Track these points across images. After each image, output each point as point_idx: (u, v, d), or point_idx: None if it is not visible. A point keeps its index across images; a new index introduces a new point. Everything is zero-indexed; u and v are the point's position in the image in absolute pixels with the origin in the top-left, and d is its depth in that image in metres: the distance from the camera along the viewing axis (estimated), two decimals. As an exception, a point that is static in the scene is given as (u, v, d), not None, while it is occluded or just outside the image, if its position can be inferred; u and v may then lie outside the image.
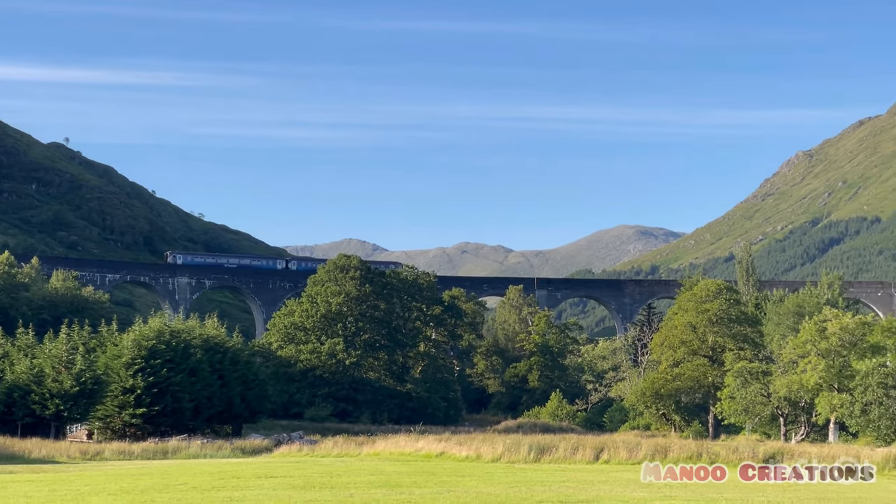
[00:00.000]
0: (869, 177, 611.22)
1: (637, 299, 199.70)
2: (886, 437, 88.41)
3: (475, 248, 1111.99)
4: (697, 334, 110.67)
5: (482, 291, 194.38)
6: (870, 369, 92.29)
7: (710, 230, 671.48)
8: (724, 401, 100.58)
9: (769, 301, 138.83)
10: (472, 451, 68.11)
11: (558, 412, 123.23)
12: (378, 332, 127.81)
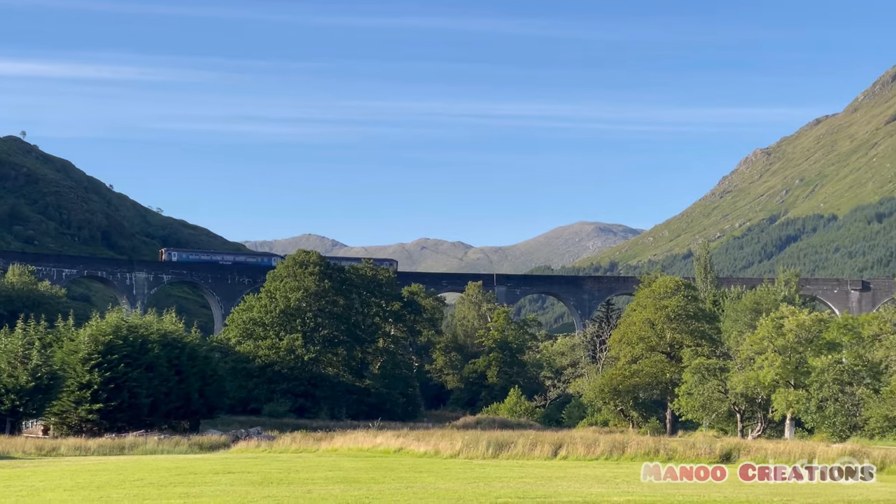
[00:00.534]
0: (826, 175, 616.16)
1: (596, 296, 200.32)
2: (842, 434, 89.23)
3: (435, 245, 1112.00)
4: (655, 331, 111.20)
5: (441, 287, 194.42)
6: (825, 366, 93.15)
7: (668, 227, 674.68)
8: (682, 397, 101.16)
9: (727, 298, 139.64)
10: (431, 447, 68.11)
11: (517, 408, 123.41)
12: (337, 327, 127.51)
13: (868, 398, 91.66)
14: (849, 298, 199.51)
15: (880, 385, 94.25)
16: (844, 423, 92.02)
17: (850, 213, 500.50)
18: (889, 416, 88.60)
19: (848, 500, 33.92)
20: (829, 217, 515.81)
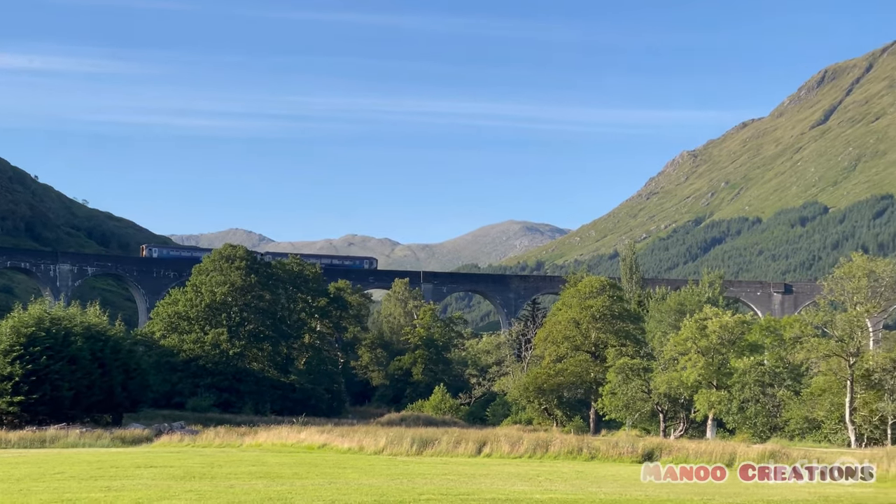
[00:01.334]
0: (751, 178, 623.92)
1: (522, 294, 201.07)
2: (762, 434, 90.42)
3: (362, 241, 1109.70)
4: (581, 330, 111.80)
5: (368, 284, 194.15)
6: (747, 367, 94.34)
7: (595, 227, 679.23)
8: (606, 396, 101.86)
9: (652, 298, 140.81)
10: (355, 444, 68.04)
11: (442, 405, 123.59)
12: (263, 322, 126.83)
13: (788, 400, 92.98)
14: (771, 301, 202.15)
15: (800, 387, 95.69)
16: (765, 423, 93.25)
17: (774, 217, 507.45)
18: (808, 417, 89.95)
19: (767, 499, 34.38)
20: (753, 220, 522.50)
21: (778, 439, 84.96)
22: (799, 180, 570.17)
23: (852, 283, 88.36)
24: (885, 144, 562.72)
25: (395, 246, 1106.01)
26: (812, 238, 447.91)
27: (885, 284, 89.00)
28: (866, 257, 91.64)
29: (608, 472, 49.65)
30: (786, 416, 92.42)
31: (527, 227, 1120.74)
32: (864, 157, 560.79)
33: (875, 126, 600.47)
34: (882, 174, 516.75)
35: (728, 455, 56.21)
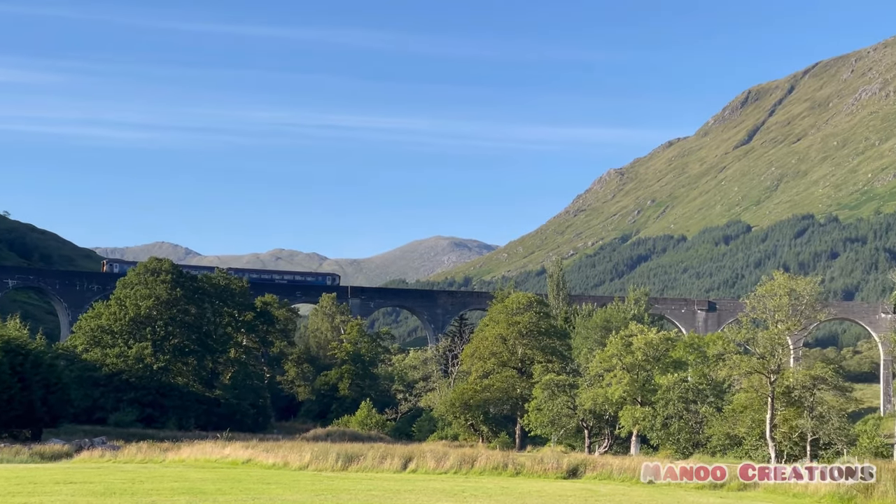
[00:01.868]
0: (676, 196, 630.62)
1: (449, 310, 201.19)
2: (685, 451, 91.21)
3: (290, 255, 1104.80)
4: (507, 346, 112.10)
5: (295, 298, 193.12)
6: (671, 384, 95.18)
7: (523, 244, 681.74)
8: (532, 412, 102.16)
9: (578, 315, 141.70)
10: (280, 459, 67.74)
11: (368, 421, 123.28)
12: (188, 336, 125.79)
13: (711, 416, 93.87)
14: (696, 318, 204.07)
15: (723, 403, 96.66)
16: (688, 440, 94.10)
17: (698, 235, 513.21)
18: (730, 433, 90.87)
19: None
20: (678, 238, 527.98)
21: (700, 455, 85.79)
22: (723, 199, 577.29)
23: (774, 301, 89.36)
24: (806, 165, 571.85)
25: (322, 260, 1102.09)
26: (735, 256, 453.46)
27: (806, 303, 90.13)
28: (787, 276, 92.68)
29: (533, 487, 49.86)
30: (708, 432, 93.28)
31: (455, 243, 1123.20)
32: (786, 177, 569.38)
33: (797, 147, 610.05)
34: (803, 194, 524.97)
35: (652, 471, 56.69)
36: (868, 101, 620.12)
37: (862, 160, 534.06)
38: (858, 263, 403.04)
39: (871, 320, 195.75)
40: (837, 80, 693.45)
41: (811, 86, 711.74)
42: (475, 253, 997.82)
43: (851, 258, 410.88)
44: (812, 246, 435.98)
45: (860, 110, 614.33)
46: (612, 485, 54.45)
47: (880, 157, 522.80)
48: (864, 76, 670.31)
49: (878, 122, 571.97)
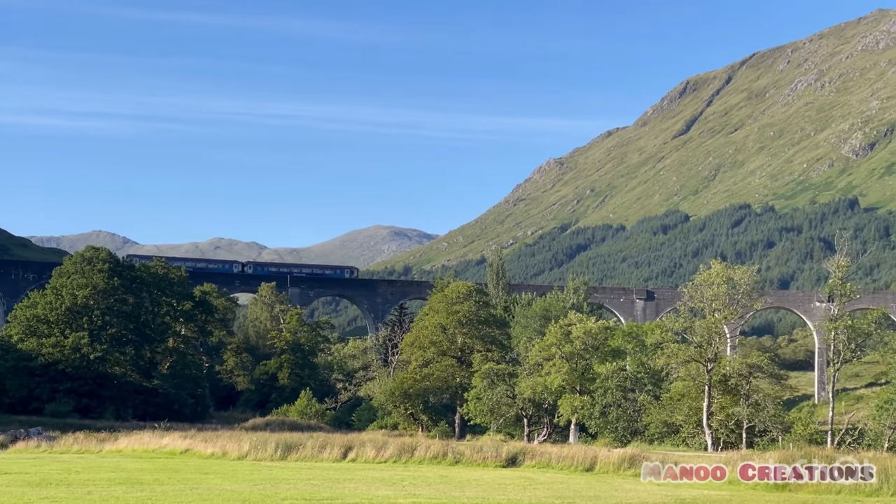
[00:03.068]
0: (615, 186, 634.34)
1: (389, 299, 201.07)
2: (623, 439, 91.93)
3: (229, 244, 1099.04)
4: (447, 335, 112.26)
5: (235, 288, 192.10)
6: (610, 372, 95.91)
7: (463, 233, 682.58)
8: (471, 401, 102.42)
9: (518, 304, 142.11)
10: (218, 449, 67.46)
11: (307, 410, 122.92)
12: (126, 326, 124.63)
13: (649, 404, 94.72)
14: (634, 307, 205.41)
15: (660, 392, 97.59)
16: (626, 428, 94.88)
17: (637, 224, 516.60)
18: (668, 421, 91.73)
19: (626, 502, 35.01)
20: (617, 227, 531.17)
21: (638, 443, 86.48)
22: (661, 189, 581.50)
23: (711, 290, 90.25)
24: (742, 155, 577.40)
25: (262, 249, 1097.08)
26: (673, 245, 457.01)
27: (742, 292, 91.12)
28: (725, 265, 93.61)
29: (472, 476, 50.02)
30: (646, 420, 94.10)
31: (395, 232, 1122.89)
32: (724, 167, 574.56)
33: (734, 137, 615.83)
34: (740, 184, 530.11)
35: (590, 459, 57.13)
36: (804, 92, 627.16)
37: (798, 150, 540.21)
38: (794, 253, 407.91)
39: (806, 309, 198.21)
40: (774, 70, 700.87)
41: (748, 76, 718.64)
42: (415, 242, 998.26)
43: (787, 247, 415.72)
44: (749, 235, 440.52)
45: (796, 101, 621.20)
46: (550, 473, 54.75)
47: (815, 148, 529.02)
48: (799, 67, 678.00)
49: (814, 112, 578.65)
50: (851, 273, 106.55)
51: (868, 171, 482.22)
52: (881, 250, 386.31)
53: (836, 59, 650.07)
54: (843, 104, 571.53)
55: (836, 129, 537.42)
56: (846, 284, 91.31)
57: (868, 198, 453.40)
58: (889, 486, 41.69)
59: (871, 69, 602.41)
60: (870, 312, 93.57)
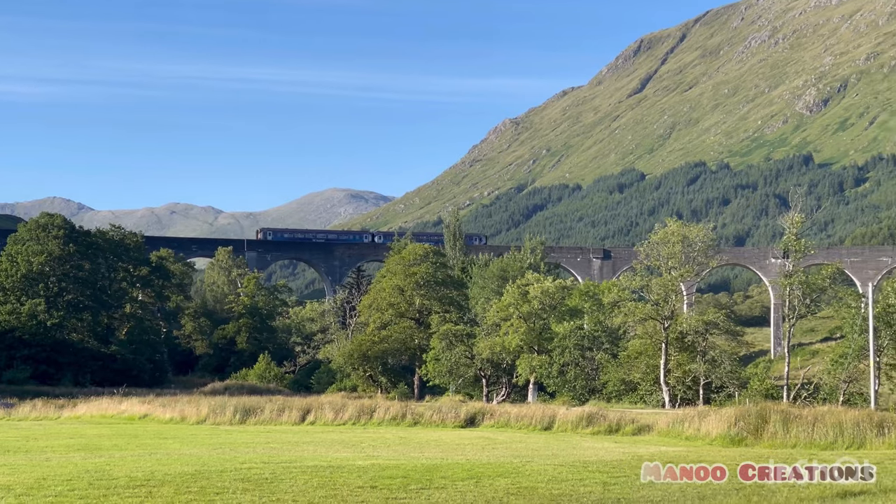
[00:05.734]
0: (571, 146, 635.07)
1: (347, 262, 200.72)
2: (581, 397, 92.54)
3: (185, 209, 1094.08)
4: (405, 297, 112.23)
5: (191, 252, 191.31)
6: (567, 332, 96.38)
7: (419, 195, 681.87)
8: (430, 363, 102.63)
9: (475, 265, 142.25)
10: (177, 413, 67.39)
11: (266, 374, 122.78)
12: (82, 292, 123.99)
13: (606, 363, 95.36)
14: (591, 266, 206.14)
15: (618, 350, 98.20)
16: (584, 387, 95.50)
17: (593, 184, 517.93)
18: (625, 379, 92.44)
19: (584, 460, 35.28)
20: (573, 187, 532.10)
21: (596, 402, 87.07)
22: (617, 148, 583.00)
23: (667, 248, 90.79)
24: (697, 113, 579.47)
25: (218, 214, 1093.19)
26: (629, 204, 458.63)
27: (698, 250, 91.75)
28: (680, 223, 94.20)
29: (431, 437, 50.23)
30: (604, 378, 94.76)
31: (351, 195, 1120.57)
32: (679, 125, 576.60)
33: (688, 95, 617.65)
34: (695, 142, 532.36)
35: (548, 418, 57.54)
36: (758, 49, 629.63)
37: (752, 108, 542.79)
38: (749, 210, 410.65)
39: (761, 265, 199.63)
40: (728, 28, 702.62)
41: (702, 34, 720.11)
42: (372, 204, 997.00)
43: (742, 204, 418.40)
44: (704, 193, 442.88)
45: (750, 58, 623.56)
46: (509, 432, 55.08)
47: (770, 105, 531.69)
48: (753, 24, 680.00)
49: (768, 69, 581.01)
50: (806, 229, 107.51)
51: (822, 127, 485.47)
52: (835, 206, 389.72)
53: (789, 15, 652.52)
54: (796, 60, 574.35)
55: (789, 85, 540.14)
56: (801, 240, 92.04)
57: (822, 154, 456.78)
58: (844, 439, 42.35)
59: (824, 25, 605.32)
60: (824, 268, 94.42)
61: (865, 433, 42.33)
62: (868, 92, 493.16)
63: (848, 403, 75.65)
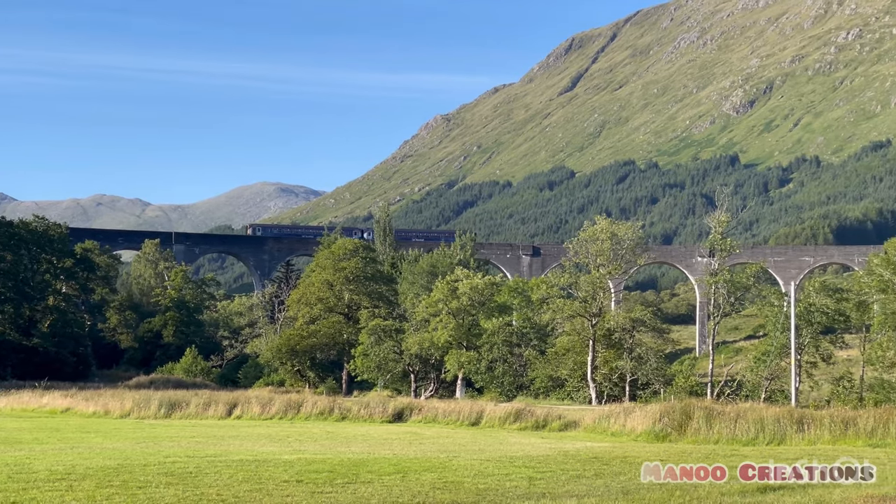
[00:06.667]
0: (502, 142, 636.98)
1: (276, 256, 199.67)
2: (509, 393, 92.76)
3: (111, 201, 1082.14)
4: (334, 292, 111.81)
5: (118, 245, 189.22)
6: (496, 328, 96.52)
7: (350, 189, 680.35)
8: (358, 358, 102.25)
9: (405, 260, 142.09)
10: (100, 407, 66.69)
11: (193, 368, 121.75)
12: (4, 284, 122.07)
13: (534, 359, 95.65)
14: (520, 263, 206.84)
15: (546, 346, 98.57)
16: (512, 383, 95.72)
17: (523, 181, 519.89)
18: (553, 375, 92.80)
19: (510, 455, 35.30)
20: (504, 184, 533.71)
21: (524, 398, 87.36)
22: (548, 145, 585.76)
23: (596, 245, 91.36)
24: (627, 112, 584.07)
25: (146, 206, 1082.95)
26: (559, 202, 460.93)
27: (626, 247, 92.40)
28: (609, 221, 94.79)
29: (358, 432, 50.09)
30: (532, 374, 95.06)
31: (281, 189, 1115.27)
32: (609, 123, 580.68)
33: (618, 94, 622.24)
34: (625, 141, 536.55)
35: (476, 414, 57.63)
36: (686, 50, 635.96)
37: (680, 107, 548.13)
38: (677, 209, 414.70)
39: (688, 264, 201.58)
40: (657, 28, 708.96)
41: (633, 34, 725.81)
42: (302, 199, 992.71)
43: (670, 203, 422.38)
44: (633, 191, 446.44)
45: (679, 58, 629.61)
46: (437, 427, 55.09)
47: (698, 105, 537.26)
48: (682, 24, 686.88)
49: (696, 69, 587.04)
50: (731, 228, 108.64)
51: (748, 127, 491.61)
52: (760, 206, 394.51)
53: (717, 16, 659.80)
54: (724, 62, 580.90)
55: (717, 86, 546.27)
56: (726, 240, 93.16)
57: (748, 154, 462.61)
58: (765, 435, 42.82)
59: (751, 27, 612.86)
60: (749, 267, 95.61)
61: (786, 429, 42.85)
62: (793, 94, 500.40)
63: (770, 400, 76.53)
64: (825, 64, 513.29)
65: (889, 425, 42.15)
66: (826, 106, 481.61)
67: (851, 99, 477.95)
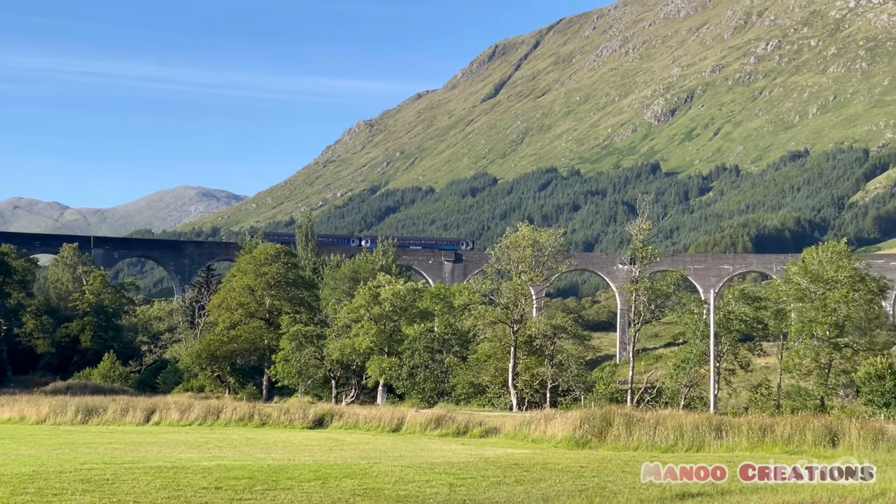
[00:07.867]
0: (425, 148, 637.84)
1: (197, 261, 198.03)
2: (430, 399, 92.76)
3: (28, 204, 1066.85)
4: (255, 297, 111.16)
5: (34, 249, 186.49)
6: (418, 334, 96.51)
7: (272, 194, 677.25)
8: (279, 363, 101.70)
9: (327, 266, 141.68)
10: (16, 413, 65.77)
11: (111, 373, 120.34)
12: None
13: (456, 365, 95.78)
14: (443, 269, 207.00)
15: (467, 353, 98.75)
16: (433, 389, 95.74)
17: (446, 187, 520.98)
18: (474, 382, 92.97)
19: (431, 462, 35.35)
20: (427, 190, 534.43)
21: (445, 404, 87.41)
22: (470, 152, 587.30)
23: (518, 252, 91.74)
24: (549, 119, 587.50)
25: (64, 210, 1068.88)
26: (482, 208, 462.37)
27: (548, 254, 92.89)
28: (531, 227, 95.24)
29: (279, 437, 49.89)
30: (453, 381, 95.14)
31: (202, 193, 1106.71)
32: (531, 130, 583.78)
33: (541, 101, 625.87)
34: (547, 148, 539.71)
35: (397, 420, 57.67)
36: (609, 58, 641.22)
37: (603, 115, 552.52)
38: (598, 216, 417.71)
39: (609, 271, 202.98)
40: (580, 36, 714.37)
41: (556, 41, 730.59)
42: (223, 203, 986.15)
43: (592, 210, 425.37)
44: (555, 198, 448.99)
45: (601, 67, 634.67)
46: (357, 434, 55.03)
47: (620, 113, 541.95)
48: (605, 33, 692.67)
49: (618, 78, 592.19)
50: (652, 236, 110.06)
51: (669, 136, 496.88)
52: (680, 214, 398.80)
53: (639, 26, 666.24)
54: (645, 70, 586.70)
55: (639, 94, 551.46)
56: (647, 247, 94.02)
57: (669, 162, 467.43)
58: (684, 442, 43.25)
59: (672, 37, 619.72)
60: (669, 274, 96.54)
61: (704, 436, 43.33)
62: (713, 103, 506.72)
63: (689, 407, 77.37)
64: (745, 74, 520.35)
65: (805, 432, 42.81)
66: (745, 116, 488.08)
67: (770, 109, 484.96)
